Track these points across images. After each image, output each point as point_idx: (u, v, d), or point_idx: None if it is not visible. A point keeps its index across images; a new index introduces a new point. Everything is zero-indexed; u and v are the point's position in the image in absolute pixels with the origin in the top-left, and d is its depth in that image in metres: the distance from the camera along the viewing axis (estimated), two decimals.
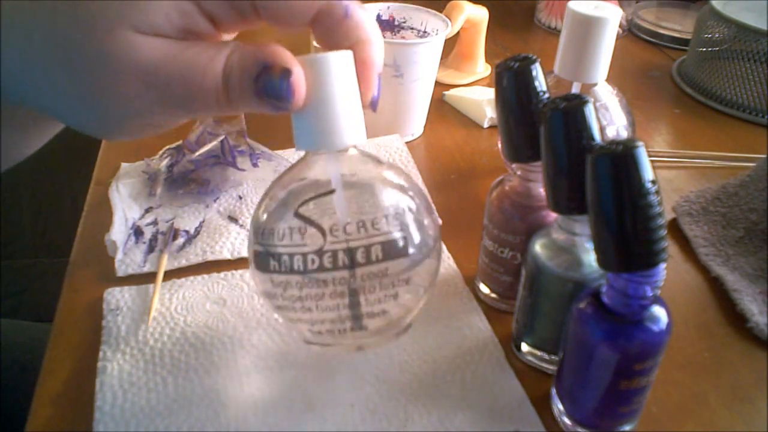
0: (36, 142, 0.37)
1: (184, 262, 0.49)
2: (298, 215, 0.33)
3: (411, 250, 0.34)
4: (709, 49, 0.79)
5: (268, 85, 0.27)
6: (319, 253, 0.32)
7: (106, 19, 0.25)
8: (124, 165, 0.58)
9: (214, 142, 0.57)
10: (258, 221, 0.35)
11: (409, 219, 0.34)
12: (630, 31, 0.96)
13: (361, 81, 0.30)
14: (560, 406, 0.39)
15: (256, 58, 0.27)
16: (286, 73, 0.27)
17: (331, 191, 0.33)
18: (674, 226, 0.56)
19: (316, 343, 0.37)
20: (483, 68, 0.80)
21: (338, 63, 0.29)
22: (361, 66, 0.30)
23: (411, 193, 0.35)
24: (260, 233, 0.34)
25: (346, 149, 0.33)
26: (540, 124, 0.35)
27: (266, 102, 0.27)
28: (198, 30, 0.27)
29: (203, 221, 0.53)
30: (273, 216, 0.34)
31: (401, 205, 0.34)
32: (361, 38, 0.29)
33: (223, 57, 0.27)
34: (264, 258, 0.34)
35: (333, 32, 0.29)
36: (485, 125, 0.69)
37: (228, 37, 0.31)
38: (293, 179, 0.34)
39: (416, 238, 0.34)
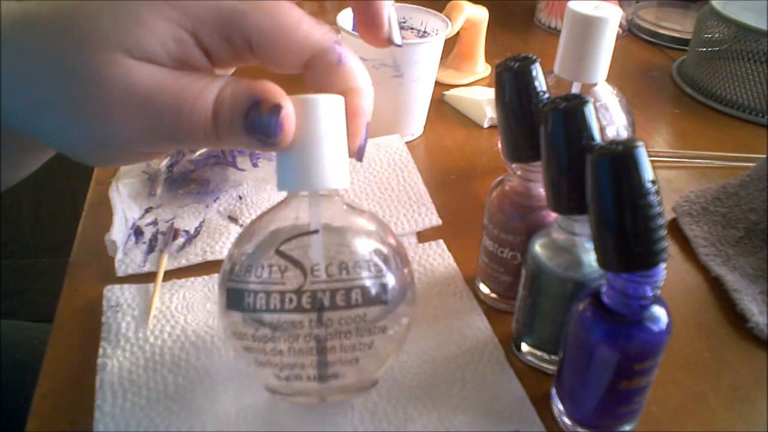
0: (23, 171, 0.37)
1: (184, 262, 0.49)
2: (279, 253, 0.33)
3: (388, 297, 0.33)
4: (709, 49, 0.79)
5: (257, 121, 0.27)
6: (298, 292, 0.32)
7: (100, 40, 0.25)
8: None
9: None
10: (233, 259, 0.34)
11: (385, 267, 0.34)
12: (630, 31, 0.96)
13: (348, 129, 0.30)
14: (560, 406, 0.39)
15: (248, 93, 0.27)
16: (276, 108, 0.27)
17: (315, 231, 0.33)
18: (674, 226, 0.56)
19: (278, 392, 0.36)
20: (483, 68, 0.80)
21: (329, 106, 0.29)
22: (350, 114, 0.30)
23: (388, 242, 0.35)
24: (235, 270, 0.34)
25: (329, 192, 0.33)
26: (540, 124, 0.35)
27: (255, 138, 0.27)
28: (193, 62, 0.27)
29: (203, 221, 0.53)
30: (250, 255, 0.34)
31: (378, 253, 0.34)
32: (352, 86, 0.29)
33: (216, 89, 0.27)
34: (238, 295, 0.33)
35: (325, 78, 0.29)
36: (485, 125, 0.69)
37: (223, 72, 0.30)
38: (272, 220, 0.34)
39: (391, 285, 0.34)
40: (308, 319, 0.32)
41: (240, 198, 0.56)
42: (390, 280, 0.34)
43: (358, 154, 0.31)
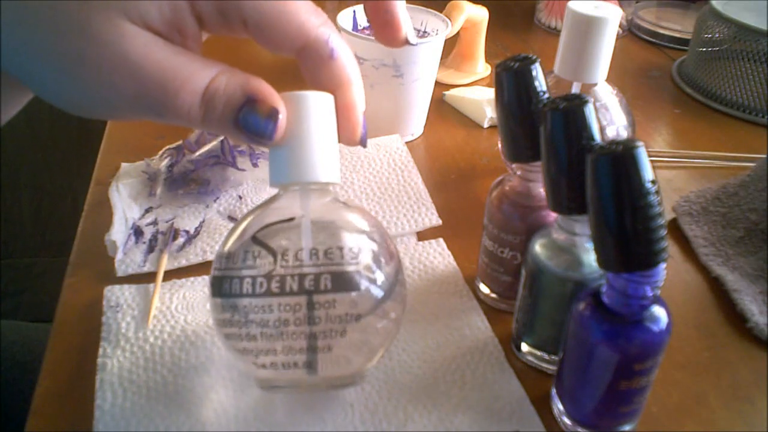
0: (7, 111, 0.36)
1: (184, 262, 0.49)
2: (254, 239, 0.33)
3: (363, 286, 0.33)
4: (709, 49, 0.79)
5: (250, 120, 0.28)
6: (268, 276, 0.32)
7: (104, 2, 0.25)
8: (124, 165, 0.58)
9: (214, 142, 0.57)
10: (221, 249, 0.35)
11: (369, 259, 0.34)
12: (630, 31, 0.96)
13: (347, 122, 0.31)
14: (560, 406, 0.39)
15: (243, 89, 0.27)
16: (274, 113, 0.28)
17: (291, 219, 0.33)
18: (674, 226, 0.56)
19: (266, 386, 0.36)
20: (483, 68, 0.80)
21: (319, 102, 0.30)
22: (346, 108, 0.31)
23: (377, 238, 0.35)
24: (222, 259, 0.34)
25: (320, 187, 0.34)
26: (540, 124, 0.35)
27: (244, 134, 0.28)
28: (184, 28, 0.27)
29: (203, 221, 0.53)
30: (236, 244, 0.34)
31: (363, 245, 0.34)
32: (343, 81, 0.30)
33: (208, 76, 0.27)
34: (217, 282, 0.34)
35: (317, 70, 0.29)
36: (485, 125, 0.69)
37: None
38: (262, 214, 0.35)
39: (380, 278, 0.34)
40: (277, 304, 0.32)
41: (240, 198, 0.56)
42: (367, 268, 0.34)
43: (361, 142, 0.32)
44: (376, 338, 0.35)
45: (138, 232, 0.51)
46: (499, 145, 0.40)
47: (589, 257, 0.38)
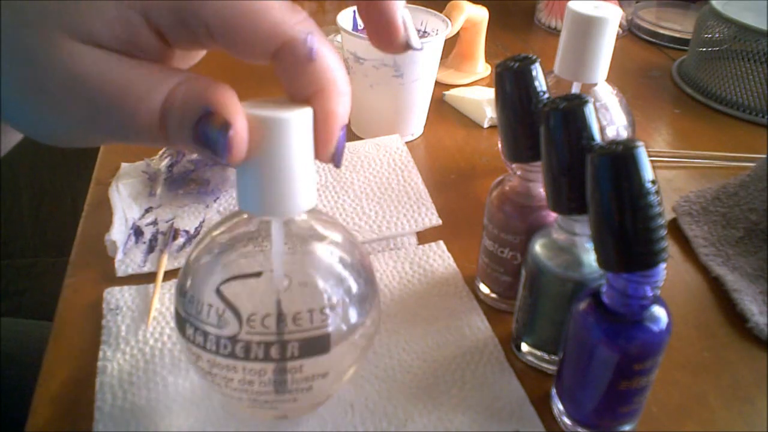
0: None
1: (183, 263, 0.49)
2: (218, 293, 0.31)
3: (333, 345, 0.32)
4: (709, 49, 0.79)
5: (206, 134, 0.24)
6: (233, 340, 0.31)
7: (40, 18, 0.23)
8: (124, 165, 0.58)
9: None
10: (187, 267, 0.33)
11: (347, 293, 0.32)
12: (630, 31, 0.96)
13: (321, 134, 0.26)
14: (560, 406, 0.39)
15: (200, 101, 0.24)
16: (225, 126, 0.24)
17: (258, 274, 0.31)
18: (674, 226, 0.56)
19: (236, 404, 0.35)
20: (483, 68, 0.80)
21: (294, 125, 0.26)
22: (323, 118, 0.26)
23: (349, 260, 0.33)
24: (186, 288, 0.32)
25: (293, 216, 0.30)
26: (540, 124, 0.35)
27: (203, 150, 0.24)
28: (144, 45, 0.24)
29: (203, 221, 0.53)
30: (201, 274, 0.32)
31: (340, 285, 0.32)
32: (323, 86, 0.25)
33: (166, 89, 0.24)
34: (182, 323, 0.32)
35: (294, 75, 0.25)
36: (485, 125, 0.69)
37: (183, 61, 0.28)
38: (230, 229, 0.32)
39: (353, 316, 0.33)
40: (242, 367, 0.31)
41: None
42: (339, 310, 0.32)
43: (334, 160, 0.27)
44: (348, 361, 0.34)
45: (138, 232, 0.51)
46: (499, 145, 0.40)
47: (589, 257, 0.38)
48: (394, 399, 0.39)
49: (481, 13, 0.74)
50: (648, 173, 0.30)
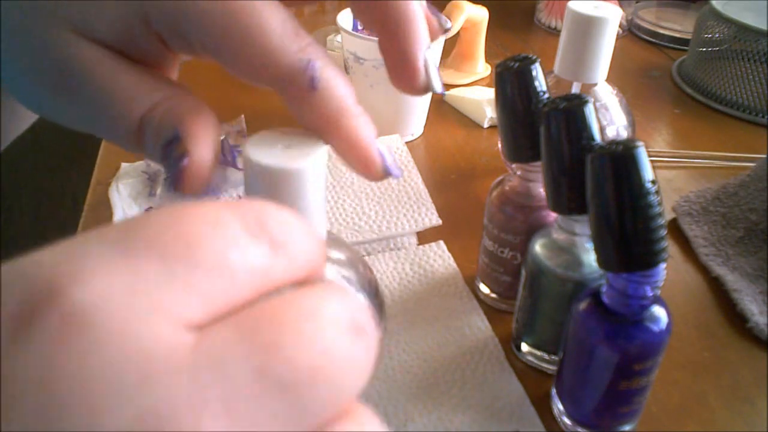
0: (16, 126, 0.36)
1: None
2: None
3: None
4: (709, 49, 0.79)
5: (169, 158, 0.23)
6: None
7: (47, 10, 0.24)
8: (124, 165, 0.58)
9: None
10: None
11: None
12: (630, 31, 0.96)
13: (356, 162, 0.24)
14: (560, 406, 0.39)
15: (173, 123, 0.23)
16: (182, 156, 0.23)
17: None
18: (674, 226, 0.56)
19: None
20: (483, 68, 0.80)
21: (303, 175, 0.23)
22: (347, 149, 0.24)
23: (355, 278, 0.32)
24: None
25: None
26: (540, 124, 0.35)
27: (169, 173, 0.23)
28: (146, 47, 0.24)
29: None
30: None
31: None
32: (330, 119, 0.23)
33: (149, 102, 0.24)
34: None
35: (297, 106, 0.23)
36: (485, 125, 0.69)
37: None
38: None
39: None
40: None
41: (240, 198, 0.56)
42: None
43: (386, 172, 0.24)
44: None
45: None
46: (499, 145, 0.40)
47: (589, 257, 0.38)
48: (394, 399, 0.39)
49: (481, 13, 0.74)
50: (648, 173, 0.30)
